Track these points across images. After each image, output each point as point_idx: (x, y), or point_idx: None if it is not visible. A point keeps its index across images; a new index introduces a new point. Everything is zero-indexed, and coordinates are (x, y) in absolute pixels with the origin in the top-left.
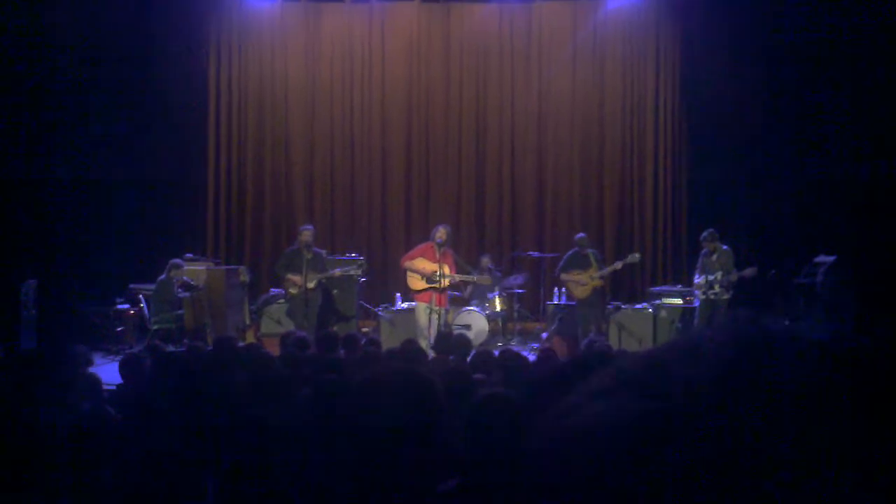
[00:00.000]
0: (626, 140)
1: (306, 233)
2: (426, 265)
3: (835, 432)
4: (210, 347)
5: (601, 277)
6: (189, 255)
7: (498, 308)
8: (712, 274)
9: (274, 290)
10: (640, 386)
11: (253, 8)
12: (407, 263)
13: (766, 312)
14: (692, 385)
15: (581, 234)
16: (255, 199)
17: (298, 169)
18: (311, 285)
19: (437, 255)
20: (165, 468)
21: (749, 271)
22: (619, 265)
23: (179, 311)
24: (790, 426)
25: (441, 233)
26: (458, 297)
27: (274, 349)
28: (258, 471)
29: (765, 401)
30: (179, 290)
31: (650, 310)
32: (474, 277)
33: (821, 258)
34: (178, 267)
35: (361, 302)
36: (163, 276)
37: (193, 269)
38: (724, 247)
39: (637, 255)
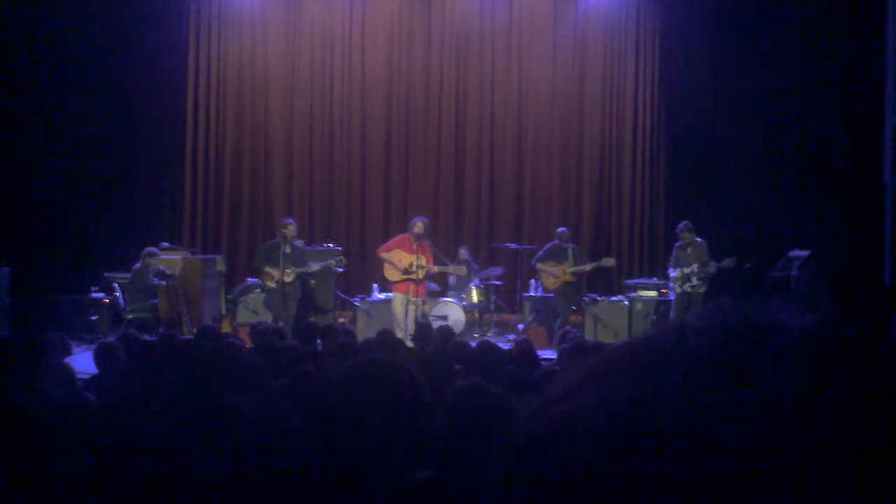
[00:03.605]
0: (605, 132)
1: (291, 227)
2: (403, 256)
3: (820, 424)
4: (184, 336)
5: (573, 274)
6: (165, 244)
7: (475, 299)
8: (688, 267)
9: (251, 280)
10: (625, 375)
11: None
12: (383, 254)
13: (746, 303)
14: (675, 374)
15: (562, 228)
16: (233, 188)
17: (277, 158)
18: (288, 279)
19: (415, 247)
20: (145, 456)
21: (727, 262)
22: (589, 267)
23: (154, 300)
24: (773, 417)
25: (419, 226)
26: (435, 290)
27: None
28: (235, 460)
29: (748, 391)
30: (154, 278)
31: (626, 302)
32: (451, 268)
33: (795, 252)
34: (152, 255)
35: (338, 293)
36: (138, 265)
37: (170, 259)
38: (699, 239)
39: (612, 261)
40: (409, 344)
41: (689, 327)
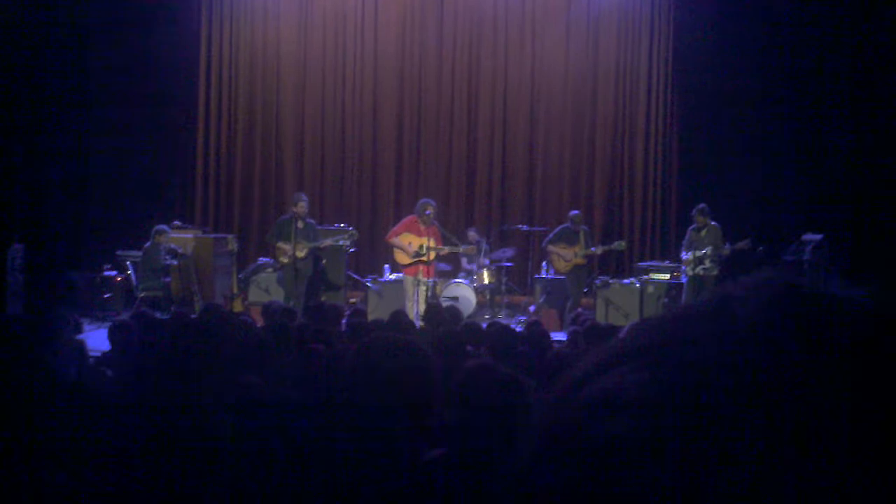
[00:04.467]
0: (617, 115)
1: (302, 203)
2: (412, 239)
3: (884, 402)
4: (195, 315)
5: (584, 256)
6: (177, 223)
7: (486, 281)
8: (700, 250)
9: (263, 260)
10: (666, 349)
11: None
12: (393, 239)
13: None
14: (723, 346)
15: (575, 211)
16: (245, 168)
17: (289, 138)
18: (301, 254)
19: (423, 229)
20: (161, 436)
21: (742, 243)
22: (600, 250)
23: (166, 279)
24: (842, 404)
25: (429, 207)
26: (447, 270)
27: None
28: (250, 438)
29: (805, 362)
30: (166, 256)
31: (637, 285)
32: (461, 248)
33: (808, 236)
34: (162, 233)
35: (349, 273)
36: (148, 243)
37: (182, 237)
38: (714, 223)
39: (623, 244)
40: (420, 324)
41: (733, 297)
